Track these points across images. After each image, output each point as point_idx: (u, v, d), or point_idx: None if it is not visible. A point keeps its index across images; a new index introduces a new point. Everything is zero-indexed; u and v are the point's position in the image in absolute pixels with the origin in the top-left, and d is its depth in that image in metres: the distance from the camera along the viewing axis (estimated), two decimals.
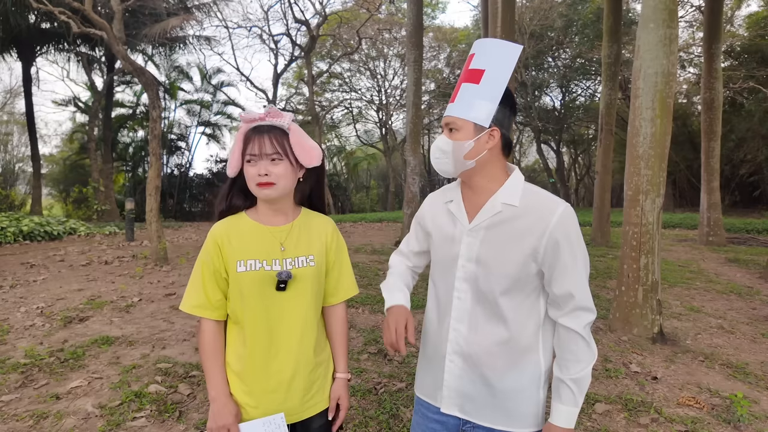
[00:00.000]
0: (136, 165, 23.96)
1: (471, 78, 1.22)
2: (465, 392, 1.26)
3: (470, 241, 1.24)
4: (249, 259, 1.31)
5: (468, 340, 1.24)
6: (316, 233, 1.42)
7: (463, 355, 1.25)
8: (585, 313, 1.18)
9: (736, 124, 17.45)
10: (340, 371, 1.47)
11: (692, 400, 2.93)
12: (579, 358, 1.17)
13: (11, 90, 26.73)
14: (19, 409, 2.75)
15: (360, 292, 5.47)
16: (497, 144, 1.22)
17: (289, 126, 1.33)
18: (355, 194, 30.75)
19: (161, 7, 15.10)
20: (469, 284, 1.24)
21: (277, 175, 1.28)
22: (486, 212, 1.22)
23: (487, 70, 1.20)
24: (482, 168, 1.23)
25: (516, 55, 1.21)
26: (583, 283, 1.18)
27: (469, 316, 1.24)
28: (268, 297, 1.31)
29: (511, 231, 1.19)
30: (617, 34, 9.22)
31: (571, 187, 29.26)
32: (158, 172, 7.70)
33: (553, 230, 1.15)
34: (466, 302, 1.25)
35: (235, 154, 1.31)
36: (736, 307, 5.16)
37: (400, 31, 21.95)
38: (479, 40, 1.28)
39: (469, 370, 1.25)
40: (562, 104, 25.05)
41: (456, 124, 1.21)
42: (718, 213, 9.58)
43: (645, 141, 4.05)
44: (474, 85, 1.21)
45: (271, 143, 1.28)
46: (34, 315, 4.61)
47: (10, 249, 9.08)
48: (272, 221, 1.37)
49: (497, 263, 1.20)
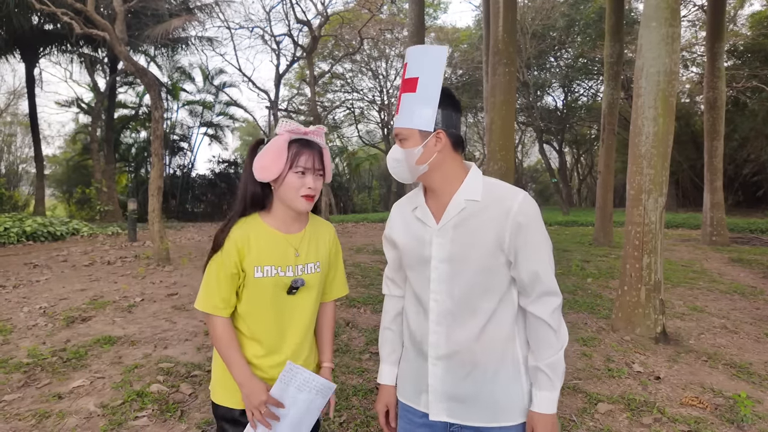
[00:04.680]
0: (138, 166, 24.04)
1: (408, 87, 1.25)
2: (452, 394, 1.27)
3: (440, 241, 1.26)
4: (266, 265, 1.38)
5: (448, 340, 1.26)
6: (323, 240, 1.51)
7: (445, 356, 1.27)
8: (551, 298, 1.23)
9: (739, 124, 17.38)
10: (327, 361, 1.56)
11: (695, 399, 2.92)
12: (549, 344, 1.22)
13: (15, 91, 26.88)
14: (21, 408, 2.76)
15: (362, 293, 5.47)
16: (446, 144, 1.25)
17: (324, 146, 1.42)
18: (357, 194, 30.76)
19: (163, 8, 15.15)
20: (445, 285, 1.26)
21: (317, 189, 1.39)
22: (451, 211, 1.25)
23: (420, 77, 1.24)
24: (438, 169, 1.26)
25: (443, 57, 1.24)
26: (548, 266, 1.23)
27: (447, 317, 1.26)
28: (280, 300, 1.41)
29: (476, 225, 1.23)
30: (619, 33, 9.19)
31: (574, 187, 29.23)
32: (160, 172, 7.71)
33: (515, 215, 1.20)
34: (442, 303, 1.26)
35: (279, 159, 1.34)
36: (740, 306, 5.14)
37: (402, 31, 21.94)
38: (409, 48, 1.30)
39: (452, 371, 1.27)
40: (564, 104, 25.02)
41: (403, 134, 1.25)
42: (722, 213, 9.54)
43: (647, 140, 4.04)
44: (411, 93, 1.24)
45: (320, 160, 1.39)
46: (37, 315, 4.63)
47: (14, 249, 9.12)
48: (290, 229, 1.45)
49: (468, 259, 1.23)
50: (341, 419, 2.67)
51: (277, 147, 1.34)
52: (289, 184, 1.35)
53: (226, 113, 25.23)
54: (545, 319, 1.22)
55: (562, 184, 24.39)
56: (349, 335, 4.07)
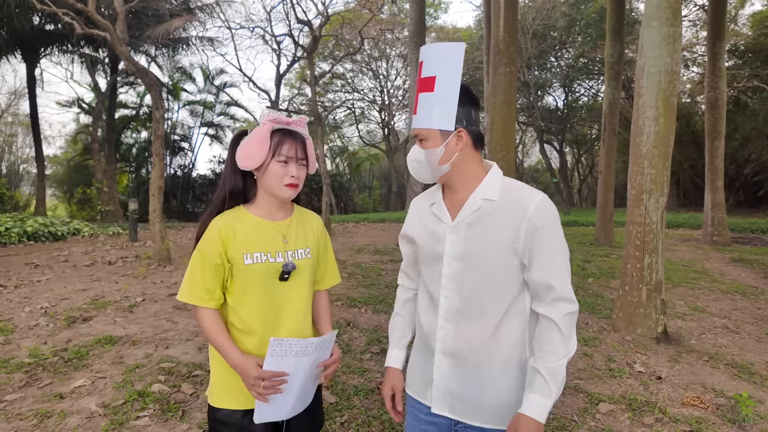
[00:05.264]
0: (139, 166, 24.05)
1: (425, 87, 1.23)
2: (454, 391, 1.27)
3: (454, 238, 1.25)
4: (255, 252, 1.39)
5: (455, 338, 1.25)
6: (310, 228, 1.53)
7: (451, 353, 1.26)
8: (565, 304, 1.18)
9: (740, 124, 17.36)
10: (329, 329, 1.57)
11: (697, 400, 2.92)
12: (554, 349, 1.15)
13: (16, 91, 26.94)
14: (23, 408, 2.76)
15: (362, 293, 5.47)
16: (467, 143, 1.24)
17: (307, 136, 1.44)
18: (358, 194, 30.76)
19: (164, 8, 15.16)
20: (456, 282, 1.25)
21: (301, 178, 1.41)
22: (467, 209, 1.24)
23: (438, 75, 1.21)
24: (459, 168, 1.25)
25: (460, 54, 1.21)
26: (563, 271, 1.19)
27: (455, 314, 1.25)
28: (272, 287, 1.40)
29: (492, 225, 1.21)
30: (620, 33, 9.18)
31: (574, 187, 29.20)
32: (161, 172, 7.72)
33: (532, 217, 1.17)
34: (452, 300, 1.26)
35: (261, 149, 1.36)
36: (741, 306, 5.13)
37: (403, 31, 21.94)
38: (423, 47, 1.29)
39: (457, 369, 1.26)
40: (565, 104, 25.00)
41: (422, 134, 1.24)
42: (723, 213, 9.53)
43: (648, 140, 4.04)
44: (429, 93, 1.22)
45: (303, 149, 1.41)
46: (38, 315, 4.63)
47: (15, 249, 9.12)
48: (274, 217, 1.46)
49: (481, 258, 1.22)
50: (342, 419, 2.67)
51: (260, 136, 1.36)
52: (272, 173, 1.37)
53: (227, 113, 25.23)
54: (556, 321, 1.17)
55: (563, 184, 24.38)
56: (350, 335, 4.07)
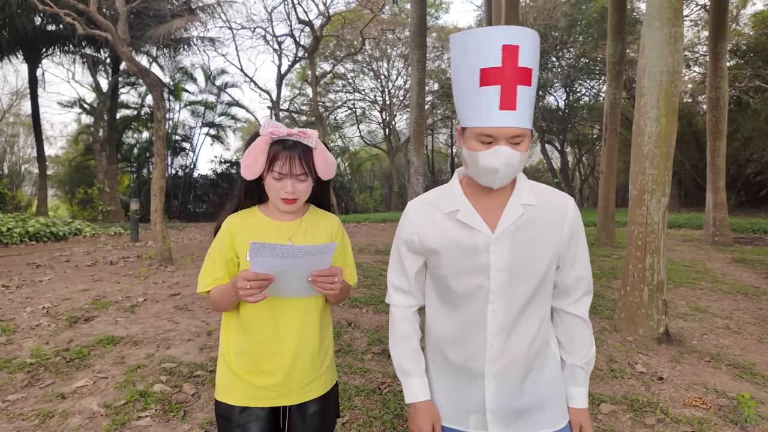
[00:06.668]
0: (140, 166, 24.09)
1: (524, 79, 1.05)
2: (512, 408, 1.20)
3: (498, 249, 1.15)
4: None
5: (504, 350, 1.18)
6: (322, 229, 1.49)
7: (503, 369, 1.19)
8: (589, 297, 1.26)
9: (741, 123, 17.33)
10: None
11: (699, 400, 2.92)
12: (585, 342, 1.26)
13: (17, 92, 26.97)
14: (25, 408, 2.77)
15: (364, 293, 5.47)
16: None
17: (316, 144, 1.36)
18: (359, 194, 30.77)
19: (165, 9, 15.19)
20: (504, 294, 1.16)
21: (301, 192, 1.36)
22: (508, 217, 1.15)
23: (534, 69, 1.07)
24: None
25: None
26: (589, 265, 1.26)
27: (504, 329, 1.18)
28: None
29: (535, 231, 1.17)
30: (621, 33, 9.17)
31: (576, 187, 29.16)
32: (163, 172, 7.73)
33: (571, 221, 1.20)
34: (501, 314, 1.17)
35: (257, 162, 1.33)
36: (743, 307, 5.12)
37: (404, 31, 21.94)
38: (516, 28, 1.06)
39: (510, 383, 1.20)
40: (566, 104, 24.97)
41: (522, 135, 1.08)
42: (724, 213, 9.51)
43: (650, 140, 4.03)
44: (528, 87, 1.06)
45: (300, 164, 1.33)
46: (40, 315, 4.64)
47: (17, 249, 9.14)
48: (283, 218, 1.46)
49: (528, 267, 1.16)
50: (344, 420, 2.67)
51: (258, 148, 1.34)
52: (269, 186, 1.37)
53: (228, 113, 25.28)
54: (583, 317, 1.25)
55: (564, 184, 24.37)
56: (351, 335, 4.07)
